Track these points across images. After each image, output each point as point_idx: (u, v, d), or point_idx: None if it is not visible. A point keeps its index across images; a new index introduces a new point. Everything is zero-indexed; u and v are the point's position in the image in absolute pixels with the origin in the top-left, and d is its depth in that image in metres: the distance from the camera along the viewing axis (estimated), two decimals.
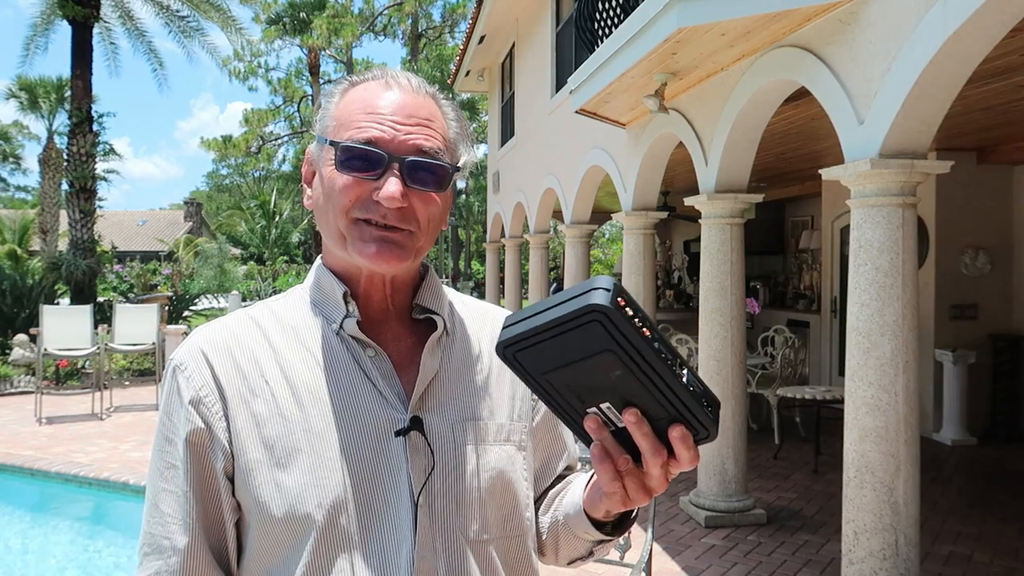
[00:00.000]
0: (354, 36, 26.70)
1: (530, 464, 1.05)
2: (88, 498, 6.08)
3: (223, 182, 45.19)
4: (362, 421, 0.94)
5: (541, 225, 10.87)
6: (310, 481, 0.91)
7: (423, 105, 0.97)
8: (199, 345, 0.97)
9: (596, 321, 0.65)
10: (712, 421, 0.73)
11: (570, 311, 0.65)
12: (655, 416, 0.73)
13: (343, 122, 0.95)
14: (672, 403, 0.71)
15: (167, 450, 0.95)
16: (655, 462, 0.75)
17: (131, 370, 11.04)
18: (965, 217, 7.42)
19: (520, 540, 1.01)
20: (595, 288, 0.66)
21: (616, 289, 0.66)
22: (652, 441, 0.74)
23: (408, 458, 0.94)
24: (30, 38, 17.13)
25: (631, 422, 0.72)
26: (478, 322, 1.09)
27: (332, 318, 0.99)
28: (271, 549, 0.93)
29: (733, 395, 5.13)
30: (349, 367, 0.96)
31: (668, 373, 0.69)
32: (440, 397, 0.99)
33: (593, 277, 0.68)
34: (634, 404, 0.72)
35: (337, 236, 0.96)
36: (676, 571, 4.40)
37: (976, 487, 6.00)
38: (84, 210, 13.41)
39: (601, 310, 0.64)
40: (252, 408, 0.94)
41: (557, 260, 26.53)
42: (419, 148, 0.94)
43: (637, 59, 4.70)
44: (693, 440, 0.74)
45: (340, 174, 0.93)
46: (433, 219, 0.97)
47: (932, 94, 3.28)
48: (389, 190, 0.91)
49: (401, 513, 0.92)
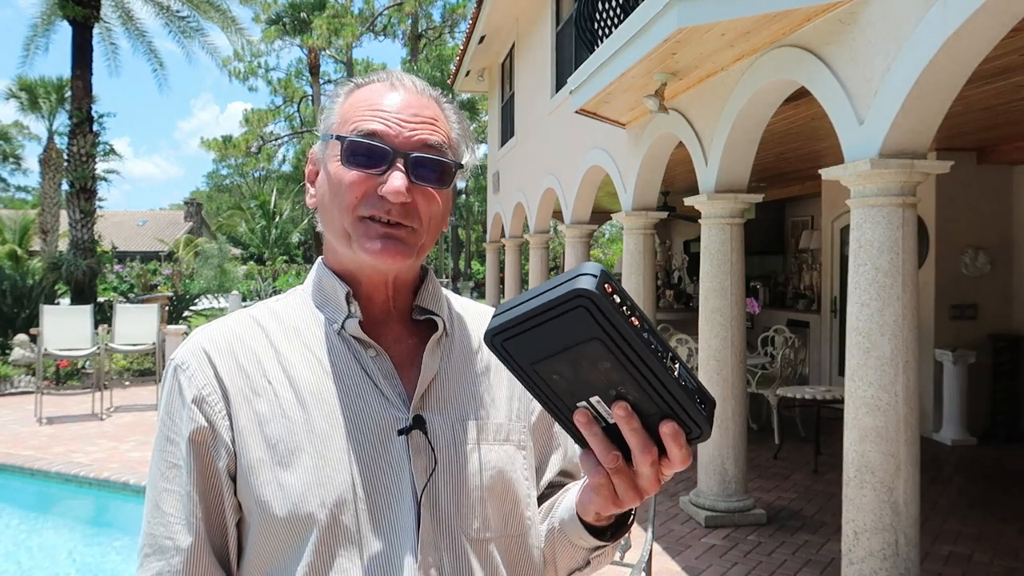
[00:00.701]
0: (354, 36, 26.71)
1: (531, 463, 1.05)
2: (88, 498, 6.08)
3: (223, 182, 45.20)
4: (364, 421, 0.94)
5: (541, 225, 10.88)
6: (312, 480, 0.91)
7: (427, 105, 0.99)
8: (201, 344, 0.98)
9: (582, 307, 0.64)
10: (705, 419, 0.70)
11: (556, 296, 0.64)
12: (646, 412, 0.71)
13: (347, 119, 0.97)
14: (663, 397, 0.69)
15: (169, 450, 0.95)
16: (645, 460, 0.73)
17: (131, 370, 11.04)
18: (965, 217, 7.42)
19: (521, 539, 1.02)
20: (582, 274, 0.65)
21: (603, 275, 0.65)
22: (642, 437, 0.72)
23: (411, 457, 0.94)
24: (30, 38, 17.12)
25: (620, 416, 0.71)
26: (476, 323, 1.10)
27: (334, 318, 0.99)
28: (272, 549, 0.92)
29: (733, 395, 5.13)
30: (351, 367, 0.97)
31: (658, 365, 0.67)
32: (441, 397, 0.99)
33: (581, 264, 0.67)
34: (624, 398, 0.70)
35: (342, 233, 0.96)
36: (676, 571, 4.40)
37: (976, 487, 6.00)
38: (84, 210, 13.42)
39: (586, 295, 0.63)
40: (255, 407, 0.94)
41: (557, 260, 26.55)
42: (424, 143, 0.95)
43: (637, 59, 4.70)
44: (685, 438, 0.72)
45: (345, 169, 0.94)
46: (435, 217, 0.97)
47: (932, 94, 3.29)
48: (394, 184, 0.92)
49: (403, 512, 0.92)
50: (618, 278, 12.49)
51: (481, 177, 26.42)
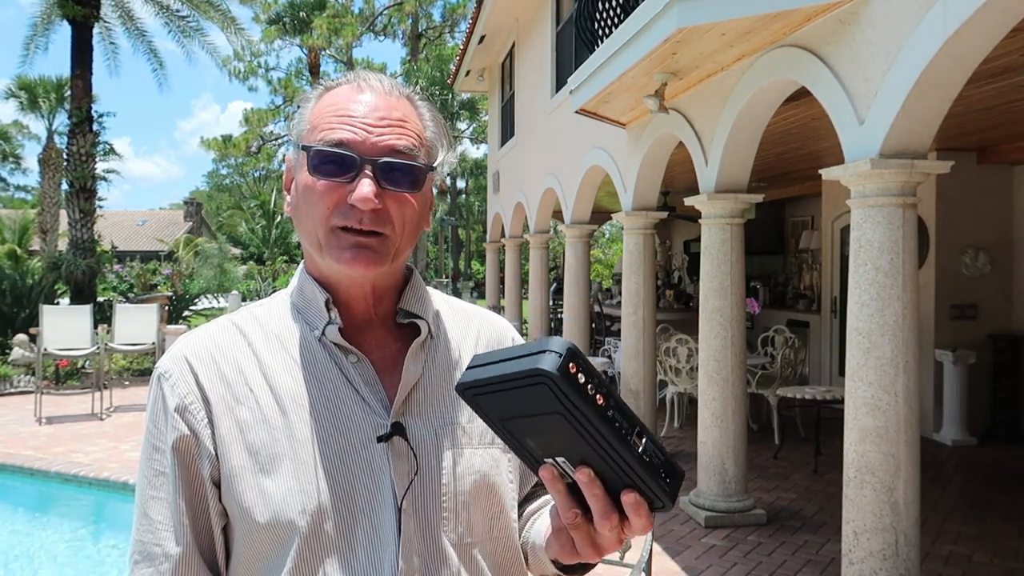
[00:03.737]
0: (354, 36, 26.72)
1: (515, 466, 1.05)
2: (88, 498, 6.08)
3: (223, 182, 45.19)
4: (345, 427, 0.94)
5: (541, 225, 10.88)
6: (293, 487, 0.91)
7: (396, 106, 0.97)
8: (183, 353, 0.98)
9: (543, 383, 0.64)
10: (667, 494, 0.70)
11: (519, 370, 0.65)
12: (609, 479, 0.71)
13: (315, 126, 0.95)
14: (624, 471, 0.69)
15: (155, 458, 0.95)
16: (604, 524, 0.73)
17: (131, 370, 11.04)
18: (965, 217, 7.42)
19: (507, 542, 1.01)
20: (547, 351, 0.65)
21: (569, 354, 0.65)
22: (603, 503, 0.72)
23: (391, 463, 0.93)
24: (30, 38, 17.11)
25: (583, 481, 0.71)
26: (463, 326, 1.09)
27: (315, 325, 0.99)
28: (255, 555, 0.93)
29: (733, 395, 5.13)
30: (332, 374, 0.97)
31: (620, 443, 0.67)
32: (423, 402, 0.98)
33: (549, 338, 0.67)
34: (588, 464, 0.71)
35: (315, 243, 0.96)
36: (676, 571, 4.40)
37: (976, 487, 6.00)
38: (84, 210, 13.41)
39: (546, 375, 0.64)
40: (236, 415, 0.94)
41: (557, 260, 26.51)
42: (392, 148, 0.94)
43: (637, 59, 4.70)
44: (648, 508, 0.72)
45: (314, 179, 0.93)
46: (410, 220, 0.96)
47: (932, 94, 3.28)
48: (362, 192, 0.91)
49: (385, 519, 0.92)
50: (618, 278, 12.40)
51: (481, 177, 26.43)
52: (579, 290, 8.97)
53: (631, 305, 6.80)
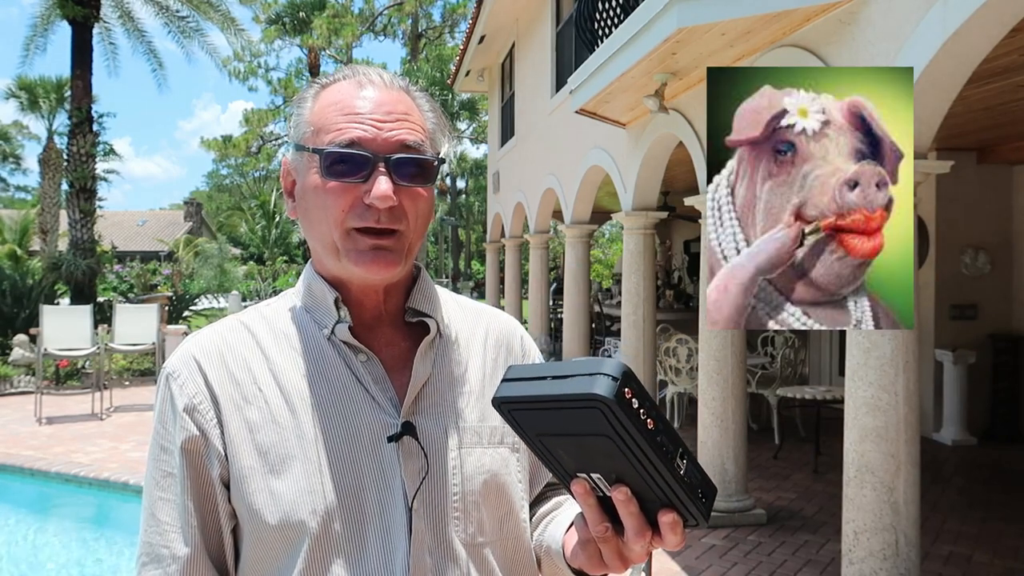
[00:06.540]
0: (354, 36, 26.71)
1: (524, 466, 1.04)
2: (88, 498, 6.08)
3: (223, 182, 45.22)
4: (355, 427, 0.93)
5: (541, 225, 10.88)
6: (303, 488, 0.90)
7: (399, 100, 0.96)
8: (191, 352, 0.97)
9: (597, 409, 0.63)
10: (703, 512, 0.71)
11: (573, 393, 0.64)
12: (646, 498, 0.71)
13: (321, 127, 0.93)
14: (664, 492, 0.69)
15: (163, 458, 0.95)
16: (638, 540, 0.73)
17: (131, 370, 11.04)
18: (965, 217, 7.42)
19: (517, 541, 1.01)
20: (602, 374, 0.63)
21: (624, 378, 0.63)
22: (639, 520, 0.72)
23: (401, 463, 0.93)
24: (30, 38, 17.11)
25: (620, 500, 0.71)
26: (472, 324, 1.08)
27: (324, 323, 0.98)
28: (265, 557, 0.92)
29: (733, 395, 5.13)
30: (341, 373, 0.96)
31: (665, 466, 0.67)
32: (433, 401, 0.98)
33: (601, 359, 0.66)
34: (625, 483, 0.70)
35: (330, 247, 0.94)
36: (676, 571, 4.40)
37: (976, 487, 6.00)
38: (84, 210, 13.41)
39: (604, 401, 0.62)
40: (245, 415, 0.93)
41: (557, 260, 26.51)
42: (403, 143, 0.92)
43: (637, 59, 4.70)
44: (683, 526, 0.72)
45: (326, 181, 0.91)
46: (422, 215, 0.96)
47: (932, 94, 3.28)
48: (380, 189, 0.89)
49: (395, 518, 0.92)
50: (618, 278, 12.41)
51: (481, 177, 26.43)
52: (579, 290, 8.97)
53: (631, 305, 6.80)
